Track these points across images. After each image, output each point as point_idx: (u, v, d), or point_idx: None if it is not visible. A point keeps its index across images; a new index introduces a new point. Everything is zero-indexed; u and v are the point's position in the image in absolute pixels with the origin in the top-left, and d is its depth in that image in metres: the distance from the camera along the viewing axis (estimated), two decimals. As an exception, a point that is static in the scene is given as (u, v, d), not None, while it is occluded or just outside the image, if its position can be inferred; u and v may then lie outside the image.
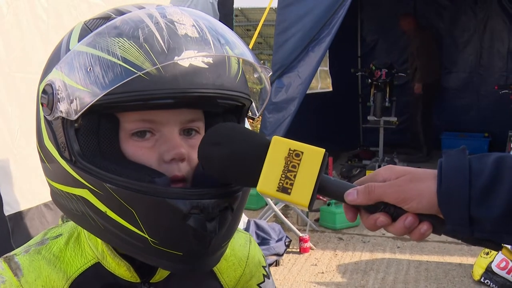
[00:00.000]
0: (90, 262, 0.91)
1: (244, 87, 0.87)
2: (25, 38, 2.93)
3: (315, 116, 7.35)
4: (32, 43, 2.96)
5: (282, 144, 0.77)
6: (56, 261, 0.90)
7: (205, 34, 0.80)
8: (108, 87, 0.74)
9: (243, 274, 1.03)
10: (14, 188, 2.97)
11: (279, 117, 5.14)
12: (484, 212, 0.73)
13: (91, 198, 0.80)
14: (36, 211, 3.16)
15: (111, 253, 0.89)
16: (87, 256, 0.91)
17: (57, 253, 0.91)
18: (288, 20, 5.30)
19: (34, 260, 0.90)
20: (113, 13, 0.84)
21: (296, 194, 0.77)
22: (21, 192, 2.99)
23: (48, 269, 0.89)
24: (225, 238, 0.85)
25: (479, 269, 4.05)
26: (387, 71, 7.20)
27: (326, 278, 4.20)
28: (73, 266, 0.90)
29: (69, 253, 0.91)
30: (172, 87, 0.77)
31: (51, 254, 0.91)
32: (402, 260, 4.56)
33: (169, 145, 0.83)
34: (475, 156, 0.76)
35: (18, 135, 2.87)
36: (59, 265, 0.90)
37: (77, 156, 0.80)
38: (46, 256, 0.91)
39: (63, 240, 0.93)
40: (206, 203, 0.79)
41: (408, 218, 0.76)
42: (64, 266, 0.90)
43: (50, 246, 0.92)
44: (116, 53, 0.75)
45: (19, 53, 2.89)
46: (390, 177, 0.78)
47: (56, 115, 0.80)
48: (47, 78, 0.82)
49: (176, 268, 0.84)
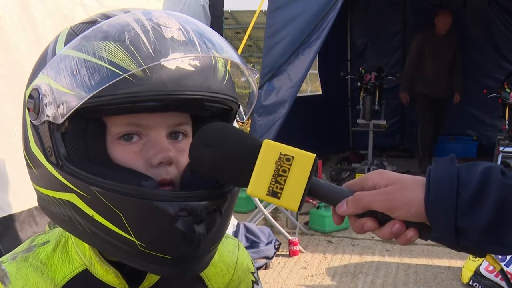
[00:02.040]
0: (78, 269, 0.90)
1: (232, 91, 0.87)
2: (21, 40, 2.93)
3: (305, 119, 7.36)
4: (27, 45, 2.95)
5: (273, 148, 0.78)
6: (44, 268, 0.89)
7: (192, 37, 0.80)
8: (94, 89, 0.74)
9: (232, 280, 1.03)
10: (8, 190, 2.95)
11: (269, 120, 5.14)
12: (470, 222, 0.74)
13: (78, 202, 0.79)
14: (27, 214, 3.14)
15: (99, 260, 0.88)
16: (74, 263, 0.90)
17: (45, 260, 0.90)
18: (278, 23, 5.30)
19: (21, 268, 0.89)
20: (99, 17, 0.84)
21: (286, 199, 0.78)
22: (14, 194, 2.97)
23: (35, 276, 0.88)
24: (214, 241, 0.84)
25: (467, 272, 4.06)
26: (376, 74, 7.23)
27: (315, 281, 4.20)
28: (61, 273, 0.89)
29: (57, 260, 0.90)
30: (158, 90, 0.77)
31: (38, 261, 0.90)
32: (391, 263, 4.57)
33: (157, 149, 0.83)
34: (464, 166, 0.77)
35: (16, 136, 2.85)
36: (47, 272, 0.89)
37: (63, 160, 0.79)
38: (33, 263, 0.90)
39: (50, 247, 0.92)
40: (194, 206, 0.78)
41: (396, 225, 0.78)
42: (51, 273, 0.89)
43: (38, 253, 0.91)
44: (102, 55, 0.75)
45: (15, 55, 2.89)
46: (380, 183, 0.79)
47: (43, 120, 0.79)
48: (34, 83, 0.81)
49: (165, 272, 0.83)
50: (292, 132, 6.15)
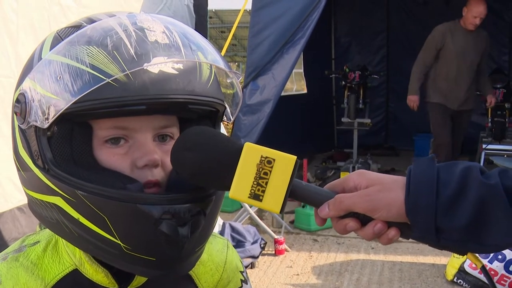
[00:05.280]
0: (68, 269, 0.90)
1: (217, 93, 0.87)
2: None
3: (289, 118, 7.37)
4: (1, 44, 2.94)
5: (254, 151, 0.78)
6: (34, 268, 0.90)
7: (176, 40, 0.80)
8: (77, 95, 0.74)
9: (221, 279, 1.04)
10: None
11: (253, 120, 5.14)
12: (450, 222, 0.75)
13: (64, 205, 0.80)
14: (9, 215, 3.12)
15: (88, 260, 0.89)
16: (65, 263, 0.91)
17: (35, 260, 0.91)
18: (262, 22, 5.31)
19: (11, 268, 0.89)
20: (84, 21, 0.84)
21: (268, 201, 0.78)
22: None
23: (26, 276, 0.89)
24: (198, 242, 0.85)
25: (452, 269, 4.09)
26: (360, 73, 7.26)
27: (301, 280, 4.21)
28: (51, 273, 0.90)
29: (47, 260, 0.91)
30: (141, 94, 0.77)
31: (28, 261, 0.91)
32: (376, 261, 4.60)
33: (142, 152, 0.83)
34: (444, 165, 0.78)
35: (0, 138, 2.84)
36: (37, 272, 0.90)
37: (49, 164, 0.80)
38: (23, 263, 0.90)
39: (40, 247, 0.92)
40: (177, 208, 0.79)
41: (377, 225, 0.79)
42: (42, 273, 0.90)
43: (28, 253, 0.92)
44: (85, 60, 0.75)
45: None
46: (361, 183, 0.80)
47: (29, 124, 0.80)
48: (21, 87, 0.82)
49: (150, 273, 0.84)
50: (277, 131, 6.16)
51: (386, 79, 8.69)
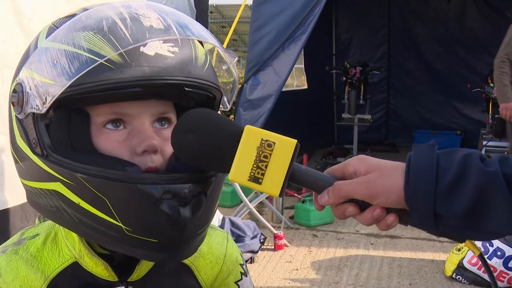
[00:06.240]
0: (67, 261, 0.90)
1: (212, 77, 0.88)
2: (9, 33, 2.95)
3: (290, 113, 7.37)
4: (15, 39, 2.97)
5: (254, 134, 0.78)
6: (34, 261, 0.90)
7: (170, 26, 0.80)
8: (74, 76, 0.75)
9: (221, 271, 1.04)
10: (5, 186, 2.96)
11: (254, 115, 5.14)
12: (448, 209, 0.75)
13: (64, 190, 0.80)
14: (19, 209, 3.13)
15: (88, 252, 0.89)
16: (64, 256, 0.91)
17: (35, 253, 0.91)
18: (263, 18, 5.30)
19: (11, 260, 0.90)
20: (78, 11, 0.85)
21: (267, 184, 0.78)
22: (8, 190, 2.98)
23: (25, 269, 0.89)
24: (200, 224, 0.85)
25: (451, 265, 4.10)
26: (361, 69, 7.26)
27: (300, 275, 4.22)
28: (51, 266, 0.90)
29: (47, 253, 0.91)
30: (138, 76, 0.78)
31: (28, 254, 0.91)
32: (375, 256, 4.60)
33: (141, 137, 0.83)
34: (444, 152, 0.78)
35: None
36: (37, 265, 0.90)
37: (48, 150, 0.80)
38: (23, 256, 0.90)
39: (40, 240, 0.93)
40: (178, 188, 0.79)
41: (376, 211, 0.79)
42: (41, 266, 0.90)
43: (28, 246, 0.92)
44: (81, 45, 0.76)
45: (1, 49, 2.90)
46: (360, 169, 0.80)
47: (27, 112, 0.80)
48: (17, 77, 0.82)
49: (152, 256, 0.83)
50: (277, 126, 6.11)
51: (387, 75, 8.67)
